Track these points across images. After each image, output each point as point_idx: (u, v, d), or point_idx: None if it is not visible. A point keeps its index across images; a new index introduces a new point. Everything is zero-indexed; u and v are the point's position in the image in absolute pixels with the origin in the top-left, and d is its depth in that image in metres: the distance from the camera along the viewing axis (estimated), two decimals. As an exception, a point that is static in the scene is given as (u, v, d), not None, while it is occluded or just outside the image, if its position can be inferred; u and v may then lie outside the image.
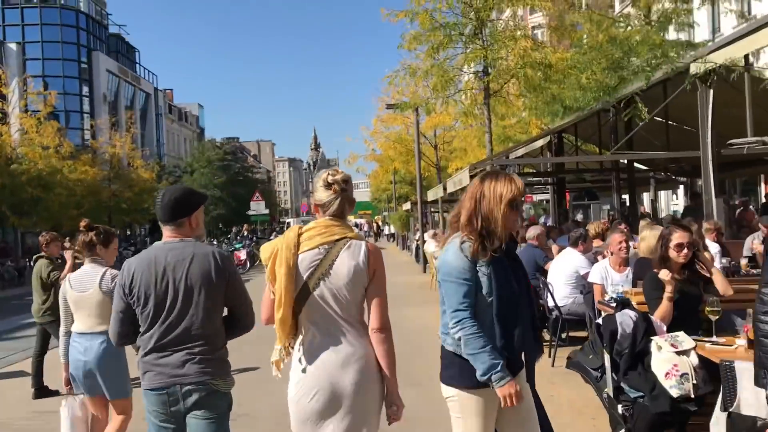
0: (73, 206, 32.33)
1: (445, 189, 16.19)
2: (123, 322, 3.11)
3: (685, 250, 4.44)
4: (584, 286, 7.05)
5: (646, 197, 25.38)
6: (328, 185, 2.89)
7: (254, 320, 3.19)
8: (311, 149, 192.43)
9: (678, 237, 4.47)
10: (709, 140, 9.25)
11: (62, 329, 4.56)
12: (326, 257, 2.81)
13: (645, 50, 15.82)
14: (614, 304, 4.94)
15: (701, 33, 22.07)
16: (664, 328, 4.31)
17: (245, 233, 26.29)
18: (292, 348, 2.91)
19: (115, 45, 69.09)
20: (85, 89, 60.83)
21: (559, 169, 16.24)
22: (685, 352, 4.02)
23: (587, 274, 6.82)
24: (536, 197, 35.71)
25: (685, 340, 4.10)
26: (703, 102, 9.29)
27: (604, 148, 15.11)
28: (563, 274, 7.29)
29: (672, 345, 4.06)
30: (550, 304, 7.12)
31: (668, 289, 4.36)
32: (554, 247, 9.13)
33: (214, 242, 26.20)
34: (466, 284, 2.88)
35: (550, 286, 7.13)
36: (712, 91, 9.22)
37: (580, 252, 7.42)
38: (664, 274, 4.39)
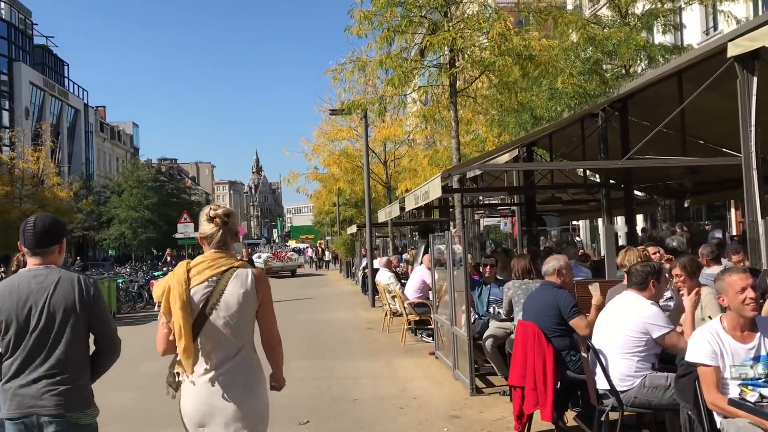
0: (-26, 227, 28.68)
1: (402, 208, 13.53)
2: None
3: None
4: (656, 357, 4.31)
5: (620, 221, 23.27)
6: (210, 219, 3.09)
7: (119, 346, 3.13)
8: (253, 172, 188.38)
9: None
10: (753, 143, 7.07)
11: None
12: (216, 288, 3.01)
13: (629, 52, 13.91)
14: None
15: (691, 36, 20.49)
16: None
17: (167, 258, 22.98)
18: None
19: (41, 57, 65.23)
20: (5, 102, 56.65)
21: (529, 186, 13.74)
22: None
23: (665, 336, 4.16)
24: (484, 222, 33.31)
25: None
26: (745, 93, 7.12)
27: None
28: (622, 335, 4.24)
29: None
30: (602, 386, 4.27)
31: None
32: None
33: (128, 269, 22.92)
34: None
35: (602, 357, 4.23)
36: (756, 79, 7.09)
37: (649, 299, 4.35)
38: None
